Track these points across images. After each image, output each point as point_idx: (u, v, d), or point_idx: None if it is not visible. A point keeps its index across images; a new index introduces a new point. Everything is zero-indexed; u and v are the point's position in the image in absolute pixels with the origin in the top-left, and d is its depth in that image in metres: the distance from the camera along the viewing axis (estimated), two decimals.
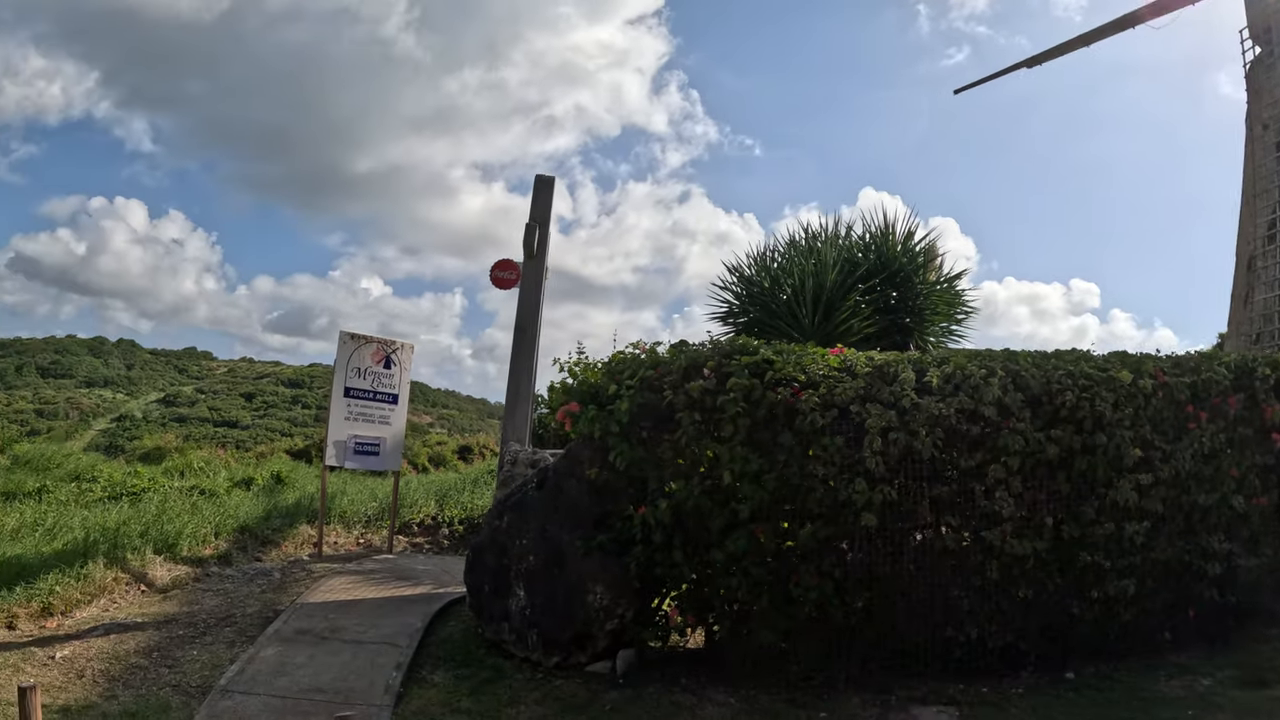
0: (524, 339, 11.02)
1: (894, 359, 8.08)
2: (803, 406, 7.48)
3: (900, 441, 7.37)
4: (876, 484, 7.41)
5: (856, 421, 7.48)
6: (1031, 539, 7.56)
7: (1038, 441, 7.58)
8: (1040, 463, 7.64)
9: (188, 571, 11.43)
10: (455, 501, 15.91)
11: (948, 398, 7.58)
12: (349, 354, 13.22)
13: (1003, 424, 7.58)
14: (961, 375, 7.72)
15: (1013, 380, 7.74)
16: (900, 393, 7.56)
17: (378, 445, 13.51)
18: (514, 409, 10.81)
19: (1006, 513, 7.45)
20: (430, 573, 11.54)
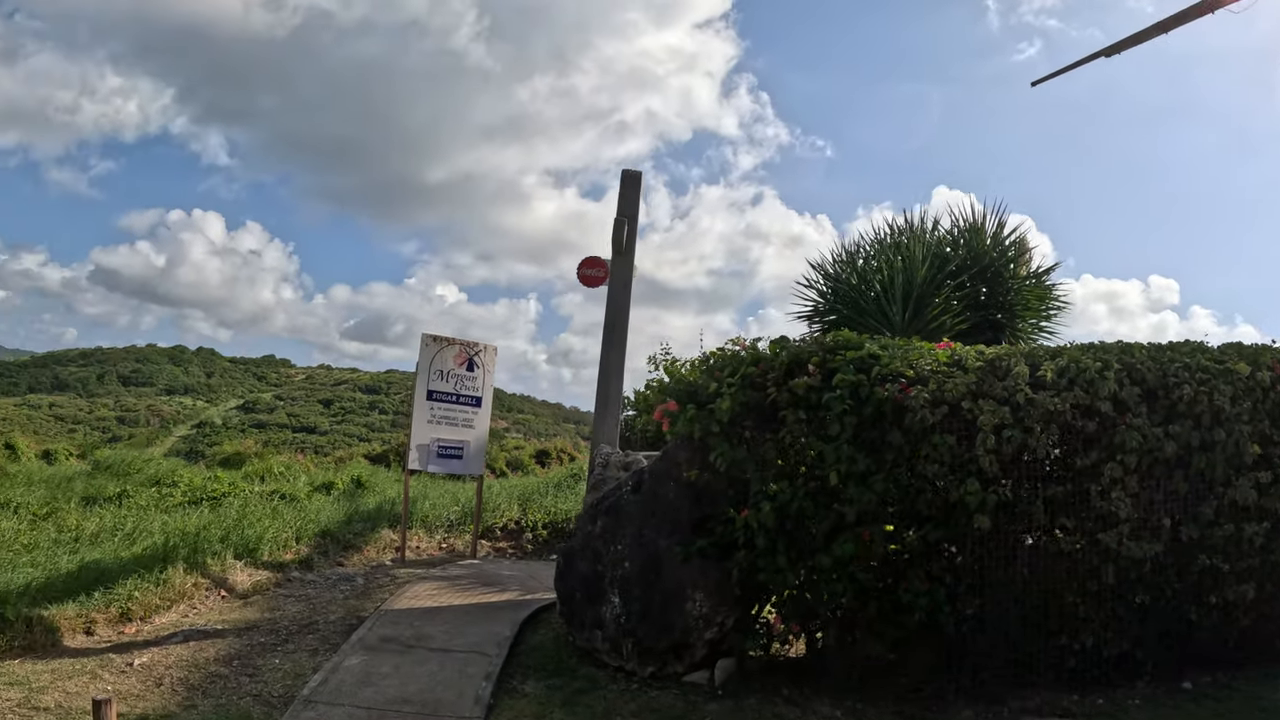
0: (613, 338, 10.60)
1: (1006, 352, 7.59)
2: (911, 403, 7.00)
3: (1014, 439, 6.85)
4: (989, 484, 6.92)
5: (968, 419, 6.98)
6: (1149, 541, 7.03)
7: (1155, 438, 7.03)
8: (1157, 460, 7.09)
9: (269, 577, 11.17)
10: (538, 506, 15.57)
11: (1062, 392, 7.04)
12: (431, 357, 12.92)
13: (1119, 420, 7.04)
14: (1076, 369, 7.18)
15: (1128, 373, 7.20)
16: (1014, 388, 7.04)
17: (461, 449, 13.19)
18: (604, 410, 10.39)
19: (1124, 514, 6.92)
20: (517, 578, 11.17)
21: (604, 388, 10.50)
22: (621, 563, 7.91)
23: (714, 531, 7.64)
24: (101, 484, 18.97)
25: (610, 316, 10.68)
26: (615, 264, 10.79)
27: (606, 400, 10.39)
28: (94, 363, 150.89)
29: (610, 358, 10.55)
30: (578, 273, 11.28)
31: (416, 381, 13.01)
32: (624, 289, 10.71)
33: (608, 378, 10.48)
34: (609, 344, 10.60)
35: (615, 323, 10.61)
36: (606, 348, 10.61)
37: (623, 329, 10.63)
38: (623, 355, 10.68)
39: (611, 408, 10.38)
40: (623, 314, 10.68)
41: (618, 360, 10.59)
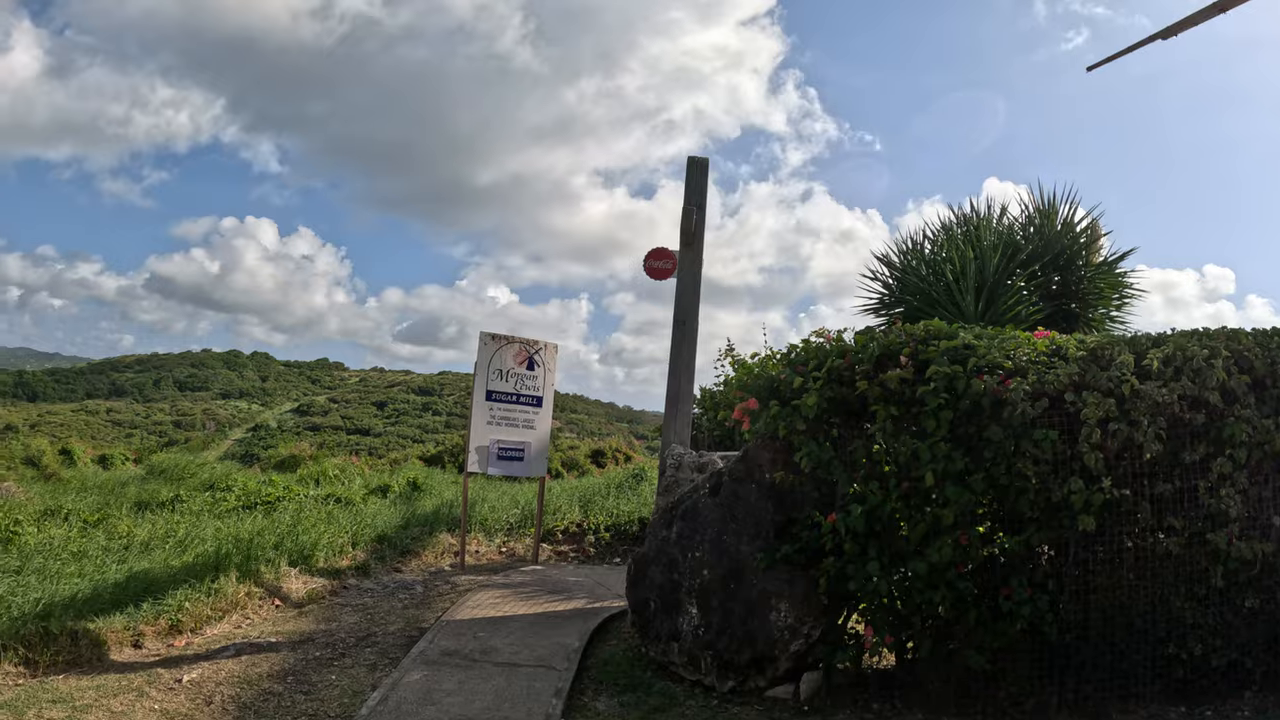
0: (683, 333, 9.98)
1: (1108, 341, 6.97)
2: (1011, 396, 6.39)
3: (1120, 433, 6.23)
4: (1092, 482, 6.31)
5: (1070, 412, 6.37)
6: (1259, 541, 6.39)
7: (1265, 430, 6.40)
8: (1267, 455, 6.47)
9: (324, 584, 10.75)
10: (600, 508, 15.07)
11: (1169, 382, 6.41)
12: (490, 355, 12.44)
13: (1227, 411, 6.42)
14: (1183, 357, 6.55)
15: (1235, 361, 6.56)
16: (1119, 378, 6.41)
17: (522, 450, 12.68)
18: (675, 408, 9.79)
19: (1234, 512, 6.29)
20: (583, 585, 10.65)
21: (674, 385, 9.90)
22: (699, 571, 7.37)
23: (799, 537, 7.08)
24: (155, 489, 18.75)
25: (680, 311, 10.08)
26: (684, 255, 10.19)
27: (677, 399, 9.79)
28: (150, 368, 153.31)
29: (680, 354, 9.95)
30: (645, 265, 10.70)
31: (475, 381, 12.49)
32: (693, 281, 10.10)
33: (678, 375, 9.87)
34: (679, 340, 9.99)
35: (685, 317, 10.01)
36: (676, 344, 10.00)
37: (693, 324, 10.02)
38: (693, 351, 10.07)
39: (682, 406, 9.79)
40: (692, 308, 10.07)
41: (688, 356, 9.98)
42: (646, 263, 10.70)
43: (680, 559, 7.51)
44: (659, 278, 10.65)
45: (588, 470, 31.13)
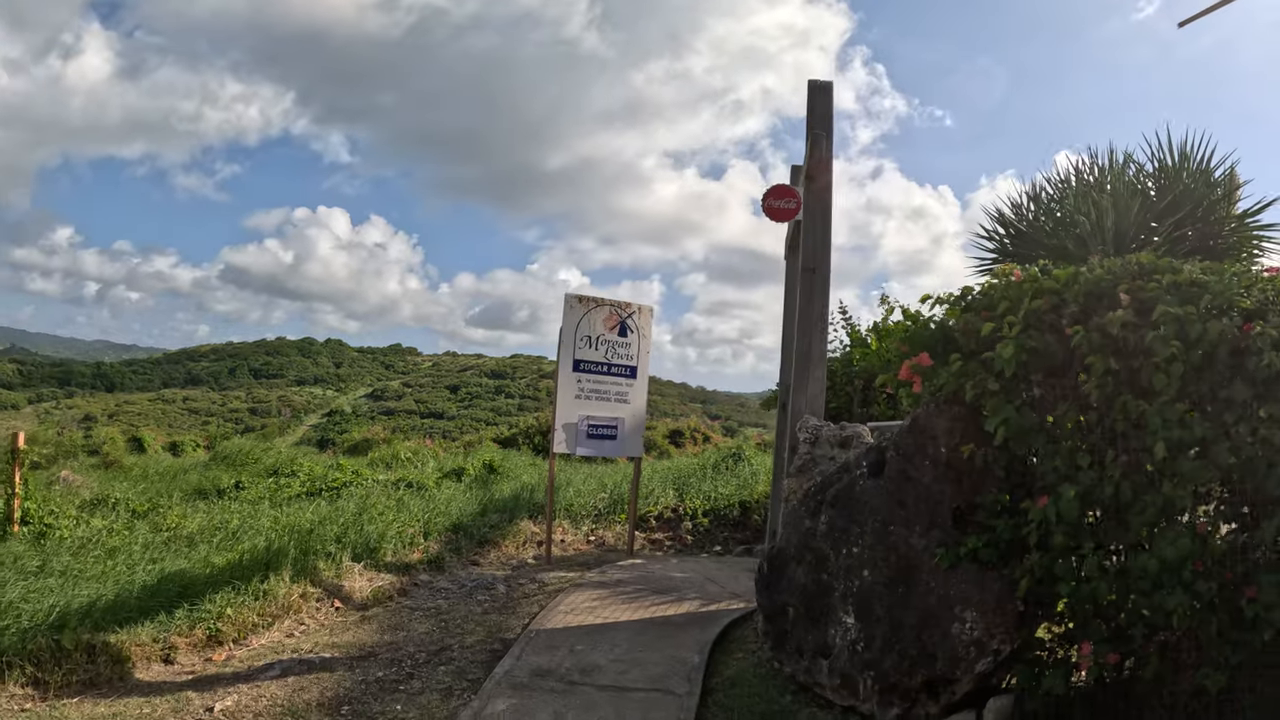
0: (813, 282, 8.23)
1: None
2: (1254, 344, 4.75)
3: None
4: None
5: None
6: None
7: None
8: None
9: (391, 582, 9.37)
10: (696, 490, 13.52)
11: None
12: (576, 321, 10.91)
13: None
14: None
15: None
16: None
17: (615, 427, 11.10)
18: (805, 372, 8.08)
19: None
20: (691, 583, 9.04)
21: (804, 344, 8.16)
22: (858, 570, 5.74)
23: (992, 528, 5.45)
24: (216, 475, 17.73)
25: (809, 256, 8.31)
26: (810, 191, 8.50)
27: (808, 360, 8.08)
28: (225, 357, 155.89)
29: (811, 306, 8.19)
30: (764, 205, 9.06)
31: (560, 351, 10.96)
32: (823, 219, 8.35)
33: (808, 331, 8.14)
34: (808, 290, 8.23)
35: (815, 263, 8.24)
36: (806, 296, 8.22)
37: (825, 270, 8.26)
38: (826, 303, 8.29)
39: (814, 370, 8.07)
40: (823, 251, 8.31)
41: (820, 308, 8.23)
42: (766, 202, 9.05)
43: (831, 555, 5.89)
44: (781, 219, 9.01)
45: (666, 450, 30.02)
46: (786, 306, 10.49)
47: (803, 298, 8.14)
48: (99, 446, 24.52)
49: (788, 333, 10.31)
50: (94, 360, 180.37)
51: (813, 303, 8.04)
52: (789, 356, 10.27)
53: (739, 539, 12.37)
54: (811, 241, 8.19)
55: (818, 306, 8.03)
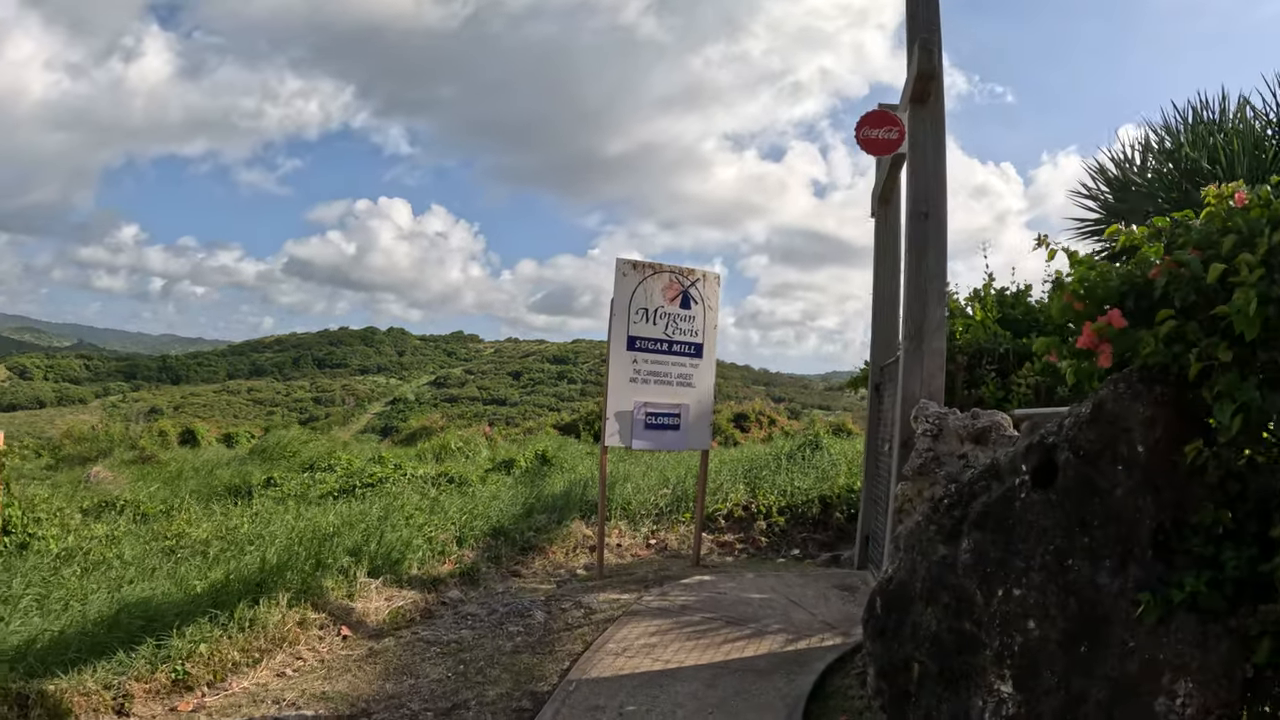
0: (927, 230, 6.30)
1: None
2: None
3: None
4: None
5: None
6: None
7: None
8: None
9: (414, 601, 7.90)
10: (770, 485, 11.86)
11: None
12: (631, 290, 9.20)
13: None
14: None
15: None
16: None
17: (677, 415, 9.35)
18: (917, 346, 6.19)
19: None
20: (772, 607, 7.32)
21: (915, 311, 6.24)
22: (1020, 621, 4.07)
23: (1211, 560, 3.76)
24: (249, 471, 16.45)
25: (918, 197, 6.35)
26: (916, 117, 6.60)
27: (921, 331, 6.18)
28: (289, 347, 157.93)
29: (925, 261, 6.18)
30: (860, 136, 7.20)
31: (612, 327, 9.25)
32: (936, 150, 6.42)
33: (921, 294, 6.23)
34: (920, 240, 6.25)
35: (929, 205, 6.29)
36: (917, 246, 6.24)
37: (940, 213, 6.33)
38: (943, 256, 6.35)
39: (930, 342, 6.17)
40: (937, 188, 6.36)
41: (935, 264, 6.23)
42: (861, 132, 7.22)
43: (979, 597, 4.23)
44: (879, 151, 7.15)
45: (731, 436, 28.79)
46: (877, 270, 8.79)
47: (911, 250, 6.32)
48: (136, 441, 23.44)
49: (881, 300, 8.64)
50: (160, 354, 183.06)
51: (925, 256, 6.23)
52: (884, 329, 8.60)
53: (819, 541, 10.75)
54: (922, 177, 6.34)
55: (933, 260, 6.22)
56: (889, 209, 8.59)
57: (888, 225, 8.59)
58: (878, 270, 8.67)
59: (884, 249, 8.59)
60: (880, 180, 8.56)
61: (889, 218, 8.61)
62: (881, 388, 8.28)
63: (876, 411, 8.34)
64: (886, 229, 8.58)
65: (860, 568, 8.54)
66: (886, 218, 8.59)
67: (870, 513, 8.38)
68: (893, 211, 8.63)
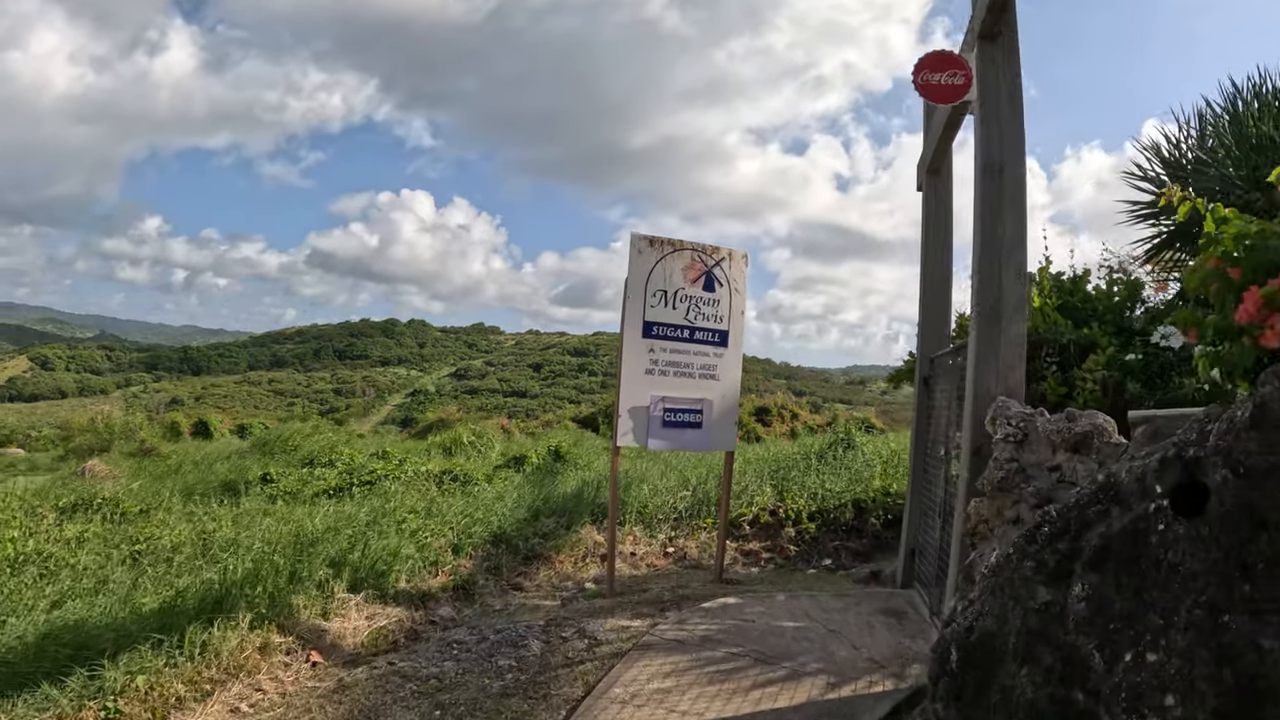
0: (1002, 189, 4.95)
1: None
2: None
3: None
4: None
5: None
6: None
7: None
8: None
9: (399, 620, 7.01)
10: (799, 487, 10.84)
11: None
12: (647, 270, 8.15)
13: None
14: None
15: None
16: None
17: (699, 412, 8.28)
18: (992, 328, 4.94)
19: None
20: (807, 638, 6.20)
21: (988, 289, 4.98)
22: (1155, 694, 3.04)
23: None
24: (246, 467, 15.60)
25: (990, 149, 5.12)
26: (985, 57, 5.49)
27: (996, 313, 4.89)
28: (310, 339, 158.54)
29: (1000, 226, 4.86)
30: (918, 81, 5.95)
31: (626, 310, 8.16)
32: (1011, 96, 5.22)
33: (993, 266, 4.96)
34: (994, 200, 4.94)
35: (1003, 159, 5.00)
36: (990, 208, 4.92)
37: (1018, 169, 5.08)
38: (1022, 222, 5.06)
39: (1009, 326, 4.90)
40: (1014, 138, 5.10)
41: (1013, 228, 4.92)
42: (920, 76, 6.02)
43: (1096, 659, 3.20)
44: (943, 98, 5.94)
45: (753, 430, 28.05)
46: (926, 251, 7.72)
47: (983, 215, 5.16)
48: (133, 432, 22.69)
49: (931, 283, 7.59)
50: (181, 345, 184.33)
51: (1000, 221, 5.12)
52: (934, 317, 7.57)
53: (853, 550, 9.75)
54: (994, 127, 5.22)
55: (1010, 226, 5.11)
56: (939, 180, 7.56)
57: (938, 198, 7.55)
58: (926, 250, 7.62)
59: (934, 225, 7.54)
60: (929, 147, 7.49)
61: (939, 190, 7.57)
62: (932, 382, 7.26)
63: (926, 409, 7.31)
64: (937, 202, 7.53)
65: (905, 586, 7.49)
66: (937, 190, 7.55)
67: (918, 524, 7.37)
68: (943, 183, 7.60)
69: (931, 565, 6.75)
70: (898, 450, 12.93)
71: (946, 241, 7.52)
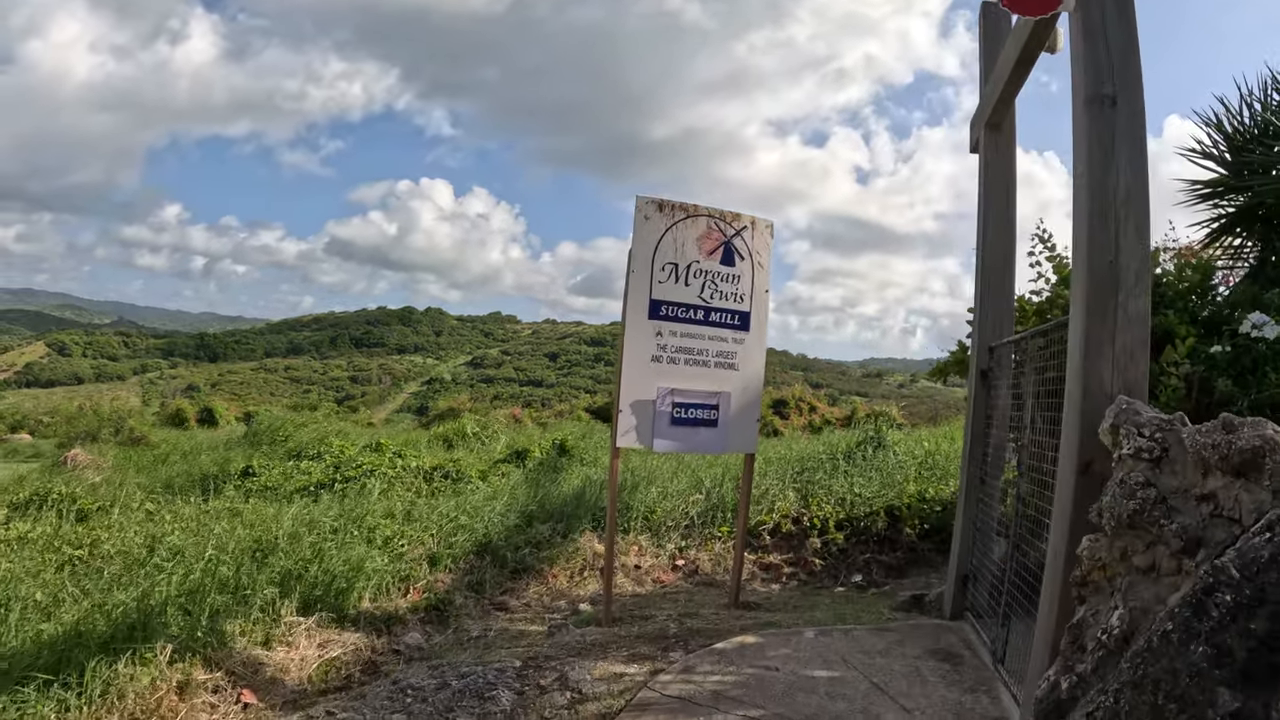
0: (1115, 123, 3.65)
1: None
2: None
3: None
4: None
5: None
6: None
7: None
8: None
9: (355, 649, 5.98)
10: (825, 490, 9.65)
11: None
12: (656, 239, 6.89)
13: None
14: None
15: None
16: None
17: (715, 408, 6.99)
18: (1104, 299, 3.73)
19: None
20: (845, 695, 4.79)
21: (1099, 253, 3.38)
22: None
23: None
24: (231, 458, 14.67)
25: (1096, 73, 3.55)
26: None
27: (1115, 282, 3.75)
28: (327, 326, 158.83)
29: (1115, 173, 3.42)
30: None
31: (629, 286, 6.91)
32: (1120, 16, 3.84)
33: (1109, 226, 3.38)
34: (1103, 144, 3.48)
35: (1117, 89, 3.52)
36: (1099, 153, 3.44)
37: (1135, 100, 3.61)
38: (1142, 167, 3.63)
39: (1127, 302, 3.34)
40: (1128, 67, 3.62)
41: (1132, 179, 3.84)
42: None
43: None
44: (1037, 10, 4.69)
45: (771, 422, 27.29)
46: (984, 223, 6.49)
47: (1094, 156, 3.71)
48: (120, 421, 21.85)
49: (991, 258, 6.35)
50: (198, 331, 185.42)
51: (1114, 163, 3.76)
52: (995, 298, 6.35)
53: (886, 564, 8.62)
54: (1101, 44, 3.85)
55: (1127, 171, 3.76)
56: (1000, 137, 6.37)
57: (999, 157, 6.35)
58: (986, 220, 6.39)
59: (994, 191, 6.33)
60: (991, 94, 6.25)
61: (1001, 148, 6.37)
62: (992, 376, 6.07)
63: (984, 407, 6.13)
64: (998, 162, 6.34)
65: (954, 617, 6.29)
66: (998, 148, 6.35)
67: (971, 545, 6.19)
68: (1005, 140, 6.40)
69: (988, 594, 5.60)
70: (932, 450, 11.78)
71: (1009, 209, 6.32)
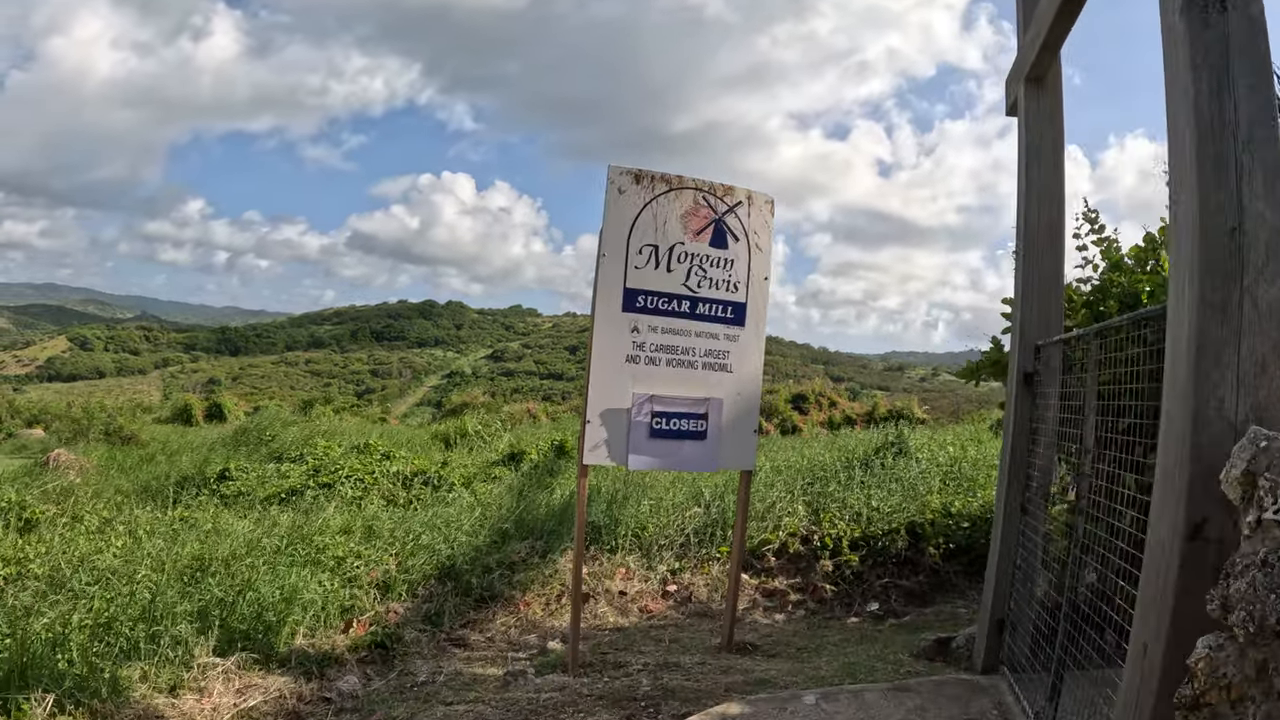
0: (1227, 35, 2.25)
1: None
2: None
3: None
4: None
5: None
6: None
7: None
8: None
9: (279, 697, 5.18)
10: (839, 504, 8.59)
11: None
12: (632, 217, 5.78)
13: None
14: None
15: None
16: None
17: (703, 417, 5.84)
18: (1222, 283, 2.58)
19: None
20: None
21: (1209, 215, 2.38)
22: None
23: None
24: (208, 460, 13.80)
25: None
26: None
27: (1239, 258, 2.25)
28: (347, 320, 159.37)
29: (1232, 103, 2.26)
30: None
31: (600, 273, 5.80)
32: None
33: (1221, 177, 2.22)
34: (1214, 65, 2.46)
35: None
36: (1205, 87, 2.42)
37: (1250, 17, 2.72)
38: (1270, 101, 2.72)
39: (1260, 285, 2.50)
40: None
41: (1258, 108, 2.59)
42: None
43: None
44: None
45: (789, 418, 26.21)
46: (1024, 197, 5.41)
47: (1199, 84, 2.50)
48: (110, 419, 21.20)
49: (1035, 236, 5.25)
50: (220, 325, 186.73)
51: (1230, 92, 2.57)
52: (1041, 287, 5.26)
53: (906, 589, 7.60)
54: None
55: (1249, 102, 2.57)
56: (1043, 93, 5.31)
57: (1043, 117, 5.27)
58: (1028, 192, 5.28)
59: (1038, 156, 5.25)
60: (1033, 40, 5.17)
61: (1045, 106, 5.29)
62: (1037, 381, 5.01)
63: (1027, 420, 5.05)
64: (1042, 122, 5.26)
65: (987, 670, 5.23)
66: (1041, 106, 5.29)
67: (1008, 586, 5.13)
68: (1049, 97, 5.33)
69: (1030, 645, 4.58)
70: (958, 456, 10.72)
71: (1057, 179, 5.25)
